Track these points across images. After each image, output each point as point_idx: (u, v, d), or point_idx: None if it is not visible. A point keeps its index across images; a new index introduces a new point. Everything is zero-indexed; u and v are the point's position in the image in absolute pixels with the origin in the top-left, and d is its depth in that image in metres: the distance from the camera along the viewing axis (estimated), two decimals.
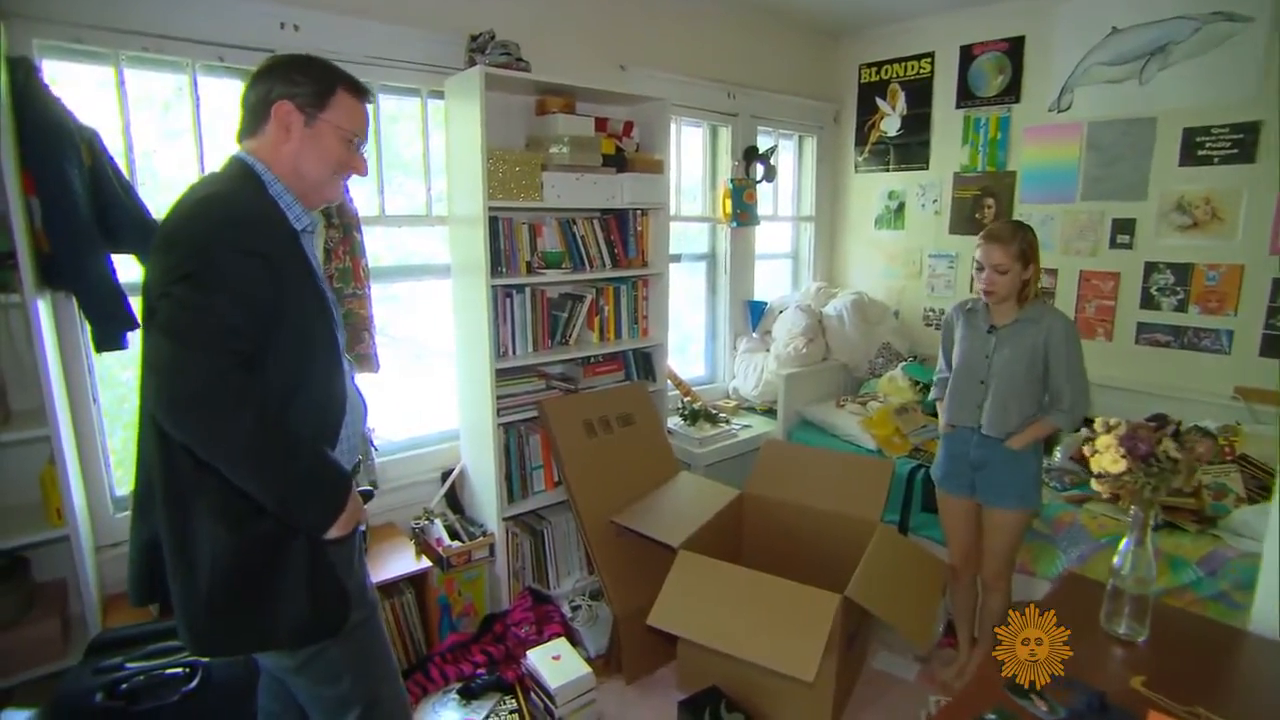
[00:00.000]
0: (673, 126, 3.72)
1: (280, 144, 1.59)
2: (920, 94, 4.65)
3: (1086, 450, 1.99)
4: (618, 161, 3.45)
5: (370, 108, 1.74)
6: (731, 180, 4.42)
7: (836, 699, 2.67)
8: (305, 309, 1.54)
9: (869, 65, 4.90)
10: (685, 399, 4.29)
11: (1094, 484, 1.96)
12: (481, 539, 3.20)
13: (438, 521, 3.27)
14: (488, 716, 2.69)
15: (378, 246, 3.19)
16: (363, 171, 1.74)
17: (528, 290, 3.25)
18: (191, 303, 1.35)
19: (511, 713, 2.71)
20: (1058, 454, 3.39)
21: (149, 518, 1.57)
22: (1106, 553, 2.93)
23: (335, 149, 1.64)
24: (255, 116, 1.60)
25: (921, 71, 4.62)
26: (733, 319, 4.74)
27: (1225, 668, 1.89)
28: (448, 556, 3.08)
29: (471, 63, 3.04)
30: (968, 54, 4.37)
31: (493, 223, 3.03)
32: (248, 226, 1.46)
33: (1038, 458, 2.75)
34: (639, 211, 3.60)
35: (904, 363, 4.43)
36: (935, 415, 3.08)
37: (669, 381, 3.99)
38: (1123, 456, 1.85)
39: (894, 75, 4.78)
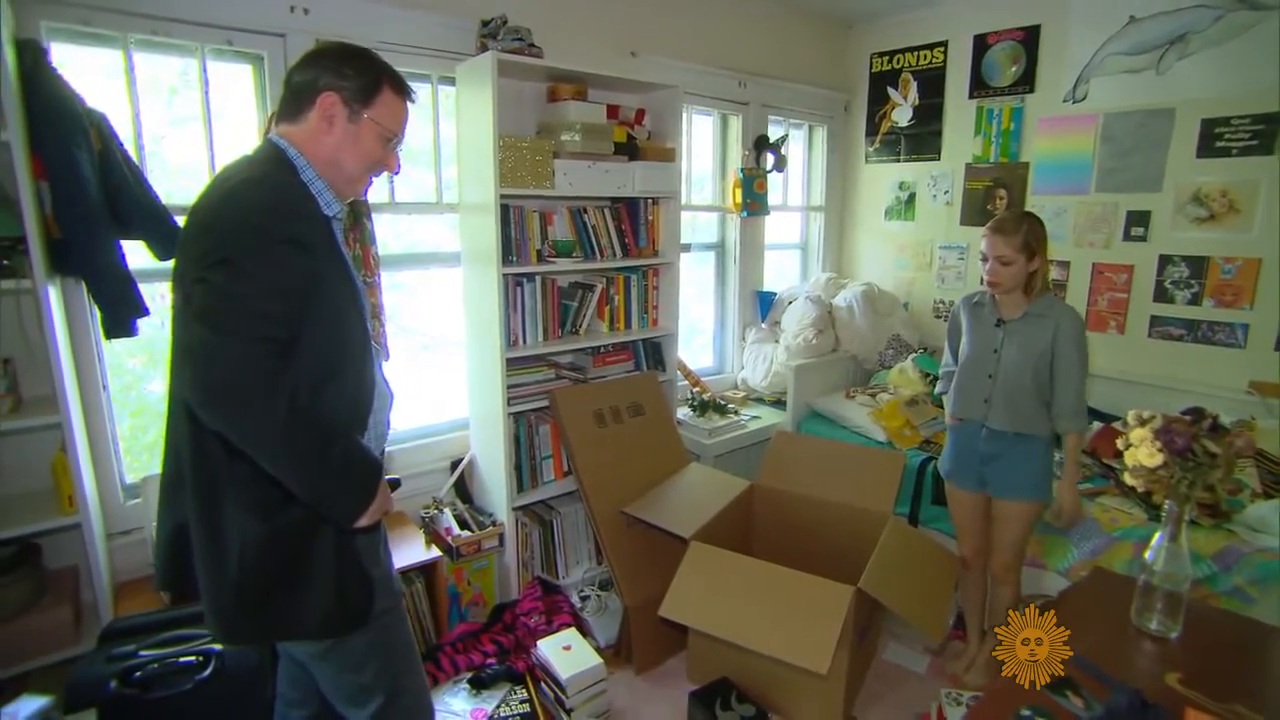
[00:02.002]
0: (684, 115, 3.69)
1: (321, 134, 1.57)
2: (933, 84, 4.61)
3: (1120, 444, 1.96)
4: (629, 150, 3.42)
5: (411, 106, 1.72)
6: (742, 170, 4.39)
7: (848, 691, 2.66)
8: (338, 296, 1.53)
9: (881, 54, 4.86)
10: (694, 389, 4.27)
11: (1128, 478, 1.93)
12: (491, 529, 3.20)
13: (447, 511, 3.27)
14: (499, 706, 2.68)
15: (384, 234, 3.17)
16: (395, 170, 1.73)
17: (538, 279, 3.23)
18: (227, 289, 1.34)
19: (522, 702, 2.71)
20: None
21: (177, 504, 1.57)
22: (1118, 546, 2.93)
23: (374, 147, 1.62)
24: (298, 102, 1.58)
25: (934, 61, 4.58)
26: (741, 309, 4.72)
27: (1261, 664, 1.88)
28: (457, 546, 3.08)
29: (483, 48, 3.00)
30: (981, 43, 4.33)
31: (504, 211, 3.01)
32: (284, 212, 1.44)
33: (1048, 450, 2.73)
34: (650, 200, 3.57)
35: (914, 354, 4.42)
36: (943, 407, 3.07)
37: (678, 372, 3.97)
38: (1159, 450, 1.82)
39: (906, 65, 4.73)
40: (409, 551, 2.93)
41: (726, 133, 4.54)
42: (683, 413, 4.10)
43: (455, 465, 3.41)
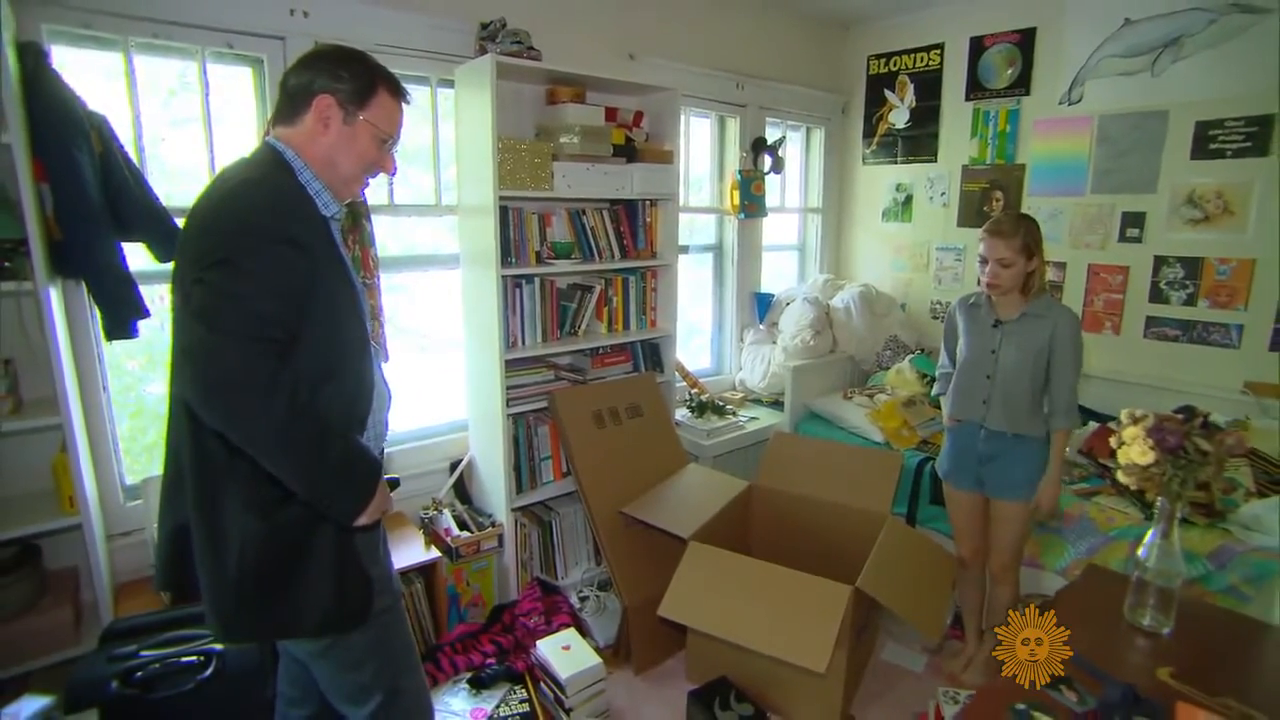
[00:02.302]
0: (681, 117, 3.72)
1: (316, 136, 1.58)
2: (929, 86, 4.63)
3: (1113, 442, 1.98)
4: (628, 152, 3.45)
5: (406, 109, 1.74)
6: (739, 171, 4.41)
7: (846, 690, 2.67)
8: (336, 297, 1.54)
9: (878, 56, 4.88)
10: (693, 391, 4.29)
11: (1121, 476, 1.96)
12: (490, 529, 3.21)
13: (446, 512, 3.28)
14: (498, 706, 2.69)
15: (383, 236, 3.18)
16: (391, 171, 1.74)
17: (537, 281, 3.24)
18: (226, 289, 1.35)
19: (522, 702, 2.72)
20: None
21: (177, 504, 1.58)
22: (1114, 546, 2.95)
23: (369, 149, 1.64)
24: (293, 105, 1.59)
25: (931, 63, 4.60)
26: (739, 311, 4.73)
27: (1253, 660, 1.89)
28: (457, 547, 3.09)
29: (483, 51, 3.03)
30: (978, 46, 4.35)
31: (503, 212, 3.02)
32: (282, 213, 1.46)
33: (1046, 450, 2.74)
34: (648, 202, 3.58)
35: (911, 355, 4.44)
36: (941, 408, 3.08)
37: (676, 373, 3.99)
38: (1151, 448, 1.84)
39: (903, 67, 4.75)
40: (408, 552, 2.94)
41: (724, 135, 4.55)
42: (681, 414, 4.12)
43: (454, 466, 3.42)
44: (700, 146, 4.50)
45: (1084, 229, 4.00)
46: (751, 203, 4.43)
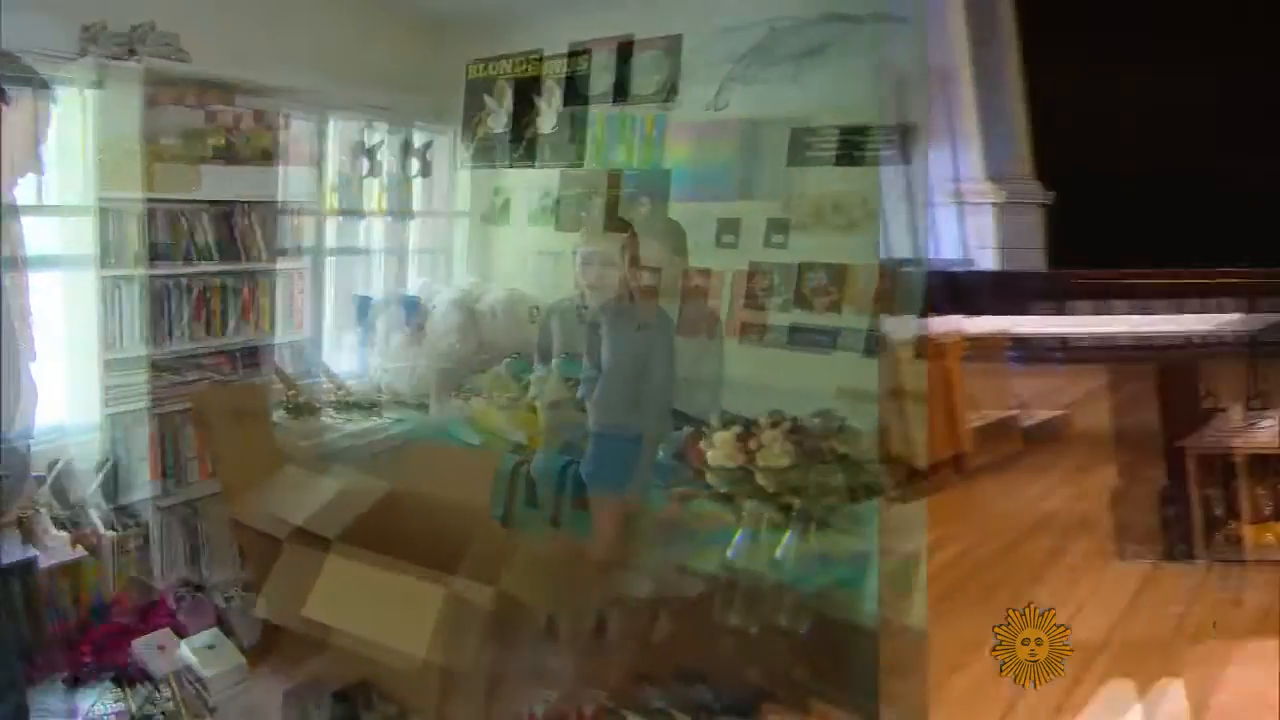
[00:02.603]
0: (289, 119, 3.74)
1: None
2: (531, 91, 4.54)
3: (704, 445, 2.18)
4: (230, 154, 3.41)
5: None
6: (345, 173, 4.44)
7: (466, 690, 2.78)
8: None
9: (478, 62, 4.71)
10: (296, 395, 4.16)
11: (758, 477, 2.12)
12: (132, 528, 3.23)
13: (90, 510, 3.20)
14: (140, 705, 2.72)
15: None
16: None
17: (138, 281, 3.19)
18: None
19: (167, 700, 2.73)
20: (661, 451, 3.32)
21: None
22: (707, 549, 2.96)
23: None
24: None
25: (533, 71, 4.51)
26: (341, 314, 4.69)
27: (842, 659, 2.05)
28: (97, 545, 3.07)
29: (84, 53, 2.90)
30: (582, 52, 4.30)
31: (103, 214, 2.99)
32: None
33: (654, 448, 2.98)
34: (250, 204, 3.57)
35: (509, 359, 4.45)
36: (536, 411, 3.30)
37: (287, 376, 4.05)
38: (789, 451, 1.99)
39: (504, 72, 4.62)
40: (45, 552, 2.88)
41: (333, 136, 4.44)
42: (286, 416, 4.02)
43: (51, 465, 3.21)
44: (306, 149, 4.26)
45: (689, 234, 3.72)
46: (360, 205, 4.51)
